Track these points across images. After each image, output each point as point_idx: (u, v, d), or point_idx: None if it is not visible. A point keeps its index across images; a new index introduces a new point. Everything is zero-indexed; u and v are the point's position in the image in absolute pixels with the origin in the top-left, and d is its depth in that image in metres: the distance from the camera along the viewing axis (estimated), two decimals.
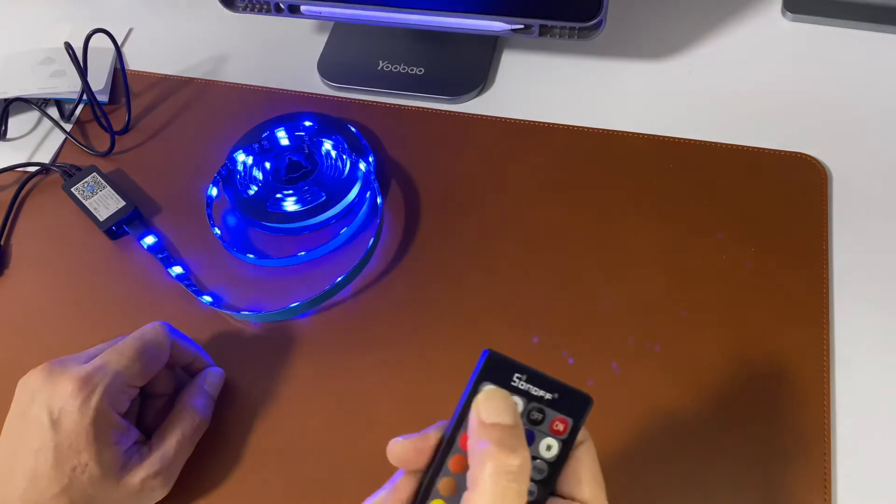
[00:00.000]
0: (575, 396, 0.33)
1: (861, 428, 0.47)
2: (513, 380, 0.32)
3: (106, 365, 0.43)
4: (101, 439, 0.42)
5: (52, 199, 0.62)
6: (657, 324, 0.51)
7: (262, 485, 0.48)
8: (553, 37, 0.60)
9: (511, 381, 0.32)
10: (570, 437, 0.32)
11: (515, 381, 0.32)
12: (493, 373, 0.32)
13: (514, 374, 0.32)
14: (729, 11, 0.68)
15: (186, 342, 0.49)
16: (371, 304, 0.54)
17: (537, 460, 0.32)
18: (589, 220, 0.56)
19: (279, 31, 0.71)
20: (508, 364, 0.32)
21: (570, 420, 0.32)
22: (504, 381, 0.32)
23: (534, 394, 0.32)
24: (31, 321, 0.56)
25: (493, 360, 0.32)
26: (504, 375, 0.32)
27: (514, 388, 0.32)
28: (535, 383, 0.32)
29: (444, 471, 0.32)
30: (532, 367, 0.33)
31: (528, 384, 0.32)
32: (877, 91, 0.62)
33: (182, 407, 0.47)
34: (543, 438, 0.32)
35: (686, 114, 0.62)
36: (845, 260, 0.53)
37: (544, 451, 0.32)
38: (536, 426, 0.33)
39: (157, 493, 0.44)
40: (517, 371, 0.32)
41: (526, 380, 0.32)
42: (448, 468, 0.32)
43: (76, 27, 0.72)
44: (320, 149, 0.60)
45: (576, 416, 0.32)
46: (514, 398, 0.32)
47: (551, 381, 0.33)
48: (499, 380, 0.32)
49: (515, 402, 0.32)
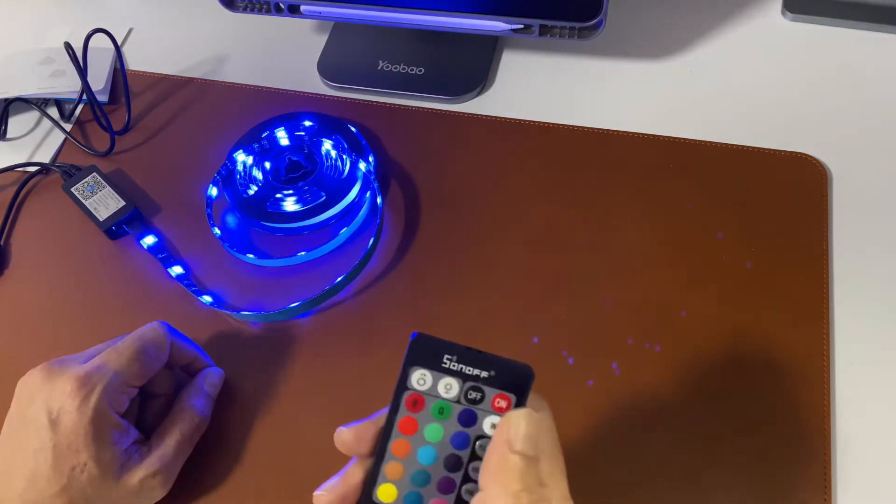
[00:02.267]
0: (514, 370, 0.32)
1: (861, 428, 0.47)
2: (443, 362, 0.32)
3: (105, 365, 0.43)
4: (100, 439, 0.42)
5: (52, 199, 0.62)
6: (657, 324, 0.51)
7: (262, 484, 0.48)
8: (553, 37, 0.60)
9: (442, 363, 0.32)
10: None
11: (446, 363, 0.32)
12: (423, 356, 0.32)
13: (444, 356, 0.32)
14: (729, 11, 0.68)
15: (186, 342, 0.49)
16: (371, 304, 0.54)
17: (484, 438, 0.32)
18: (589, 219, 0.56)
19: (279, 31, 0.71)
20: (437, 345, 0.32)
21: (512, 396, 0.31)
22: (434, 364, 0.32)
23: (468, 373, 0.32)
24: (31, 321, 0.56)
25: (419, 343, 0.32)
26: (435, 357, 0.32)
27: (446, 369, 0.32)
28: (468, 362, 0.32)
29: (388, 456, 0.32)
30: (463, 346, 0.32)
31: (459, 364, 0.32)
32: (877, 91, 0.62)
33: (181, 407, 0.47)
34: (486, 416, 0.32)
35: (686, 114, 0.62)
36: (845, 260, 0.53)
37: (489, 428, 0.32)
38: (477, 405, 0.32)
39: (156, 493, 0.44)
40: (447, 352, 0.32)
41: (457, 360, 0.32)
42: (391, 453, 0.32)
43: (76, 27, 0.72)
44: (320, 149, 0.60)
45: (518, 391, 0.31)
46: (448, 380, 0.32)
47: (487, 359, 0.32)
48: (429, 363, 0.32)
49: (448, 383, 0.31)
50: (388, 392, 0.42)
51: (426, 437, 0.32)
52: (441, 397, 0.32)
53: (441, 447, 0.32)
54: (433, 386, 0.32)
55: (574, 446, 0.47)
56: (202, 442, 0.48)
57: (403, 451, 0.32)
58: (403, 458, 0.32)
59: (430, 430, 0.32)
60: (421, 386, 0.32)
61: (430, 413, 0.32)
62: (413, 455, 0.32)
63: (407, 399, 0.32)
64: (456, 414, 0.32)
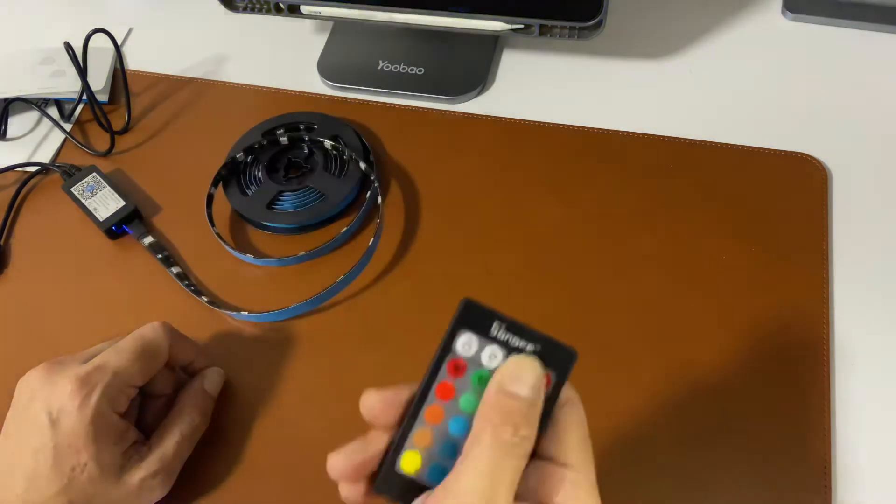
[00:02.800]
0: (558, 350, 0.31)
1: (861, 427, 0.47)
2: (491, 329, 0.31)
3: (105, 365, 0.43)
4: (101, 439, 0.42)
5: (51, 199, 0.61)
6: (657, 323, 0.51)
7: (262, 484, 0.48)
8: (553, 37, 0.60)
9: (490, 330, 0.31)
10: (553, 392, 0.30)
11: (494, 331, 0.31)
12: (471, 321, 0.31)
13: (494, 323, 0.31)
14: (729, 11, 0.68)
15: (186, 342, 0.49)
16: (371, 304, 0.54)
17: None
18: (589, 220, 0.56)
19: (279, 31, 0.71)
20: (488, 313, 0.31)
21: (553, 374, 0.30)
22: (483, 329, 0.31)
23: (513, 345, 0.31)
24: (31, 321, 0.56)
25: (470, 307, 0.31)
26: (483, 324, 0.31)
27: (493, 337, 0.31)
28: (515, 333, 0.31)
29: (419, 421, 0.31)
30: (514, 319, 0.31)
31: (507, 333, 0.31)
32: (877, 91, 0.62)
33: (181, 407, 0.47)
34: None
35: (686, 114, 0.62)
36: (845, 260, 0.53)
37: None
38: None
39: (156, 493, 0.44)
40: (497, 319, 0.31)
41: (506, 329, 0.31)
42: (424, 418, 0.31)
43: (76, 27, 0.72)
44: (320, 149, 0.60)
45: (559, 370, 0.31)
46: (493, 348, 0.31)
47: (533, 333, 0.31)
48: (477, 328, 0.31)
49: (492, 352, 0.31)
50: None
51: (461, 406, 0.31)
52: (483, 366, 0.31)
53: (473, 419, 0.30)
54: (478, 353, 0.31)
55: None
56: (202, 442, 0.48)
57: (436, 417, 0.31)
58: (435, 424, 0.31)
59: (466, 400, 0.31)
60: (466, 351, 0.31)
61: (470, 381, 0.31)
62: (445, 423, 0.31)
63: (449, 363, 0.31)
64: None
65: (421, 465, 0.30)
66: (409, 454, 0.30)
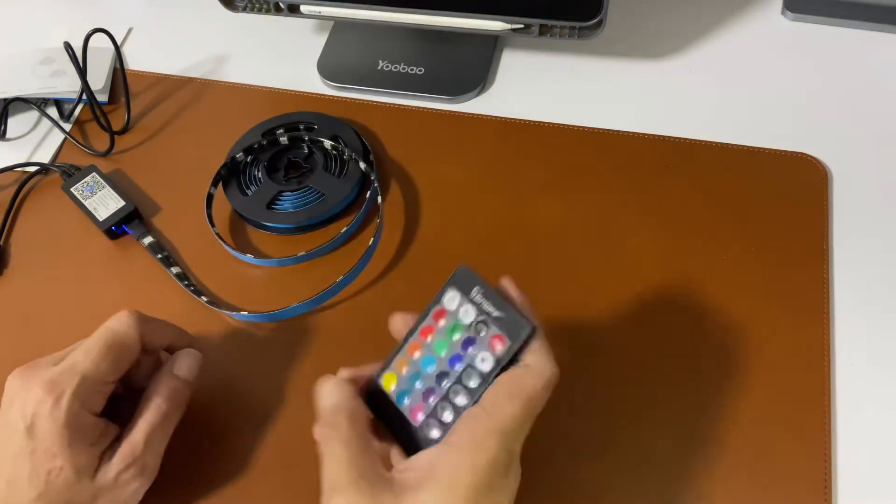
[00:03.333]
0: (518, 320, 0.36)
1: (861, 428, 0.47)
2: (472, 292, 0.37)
3: (73, 366, 0.42)
4: (75, 443, 0.41)
5: (51, 199, 0.61)
6: (657, 324, 0.51)
7: (262, 484, 0.48)
8: (553, 36, 0.60)
9: (470, 292, 0.37)
10: (503, 355, 0.36)
11: (473, 294, 0.37)
12: (461, 283, 0.38)
13: (475, 287, 0.37)
14: (729, 11, 0.68)
15: (160, 325, 0.47)
16: (371, 304, 0.54)
17: (472, 369, 0.37)
18: (589, 220, 0.56)
19: (279, 31, 0.71)
20: (474, 279, 0.37)
21: (508, 341, 0.36)
22: (466, 290, 0.38)
23: (484, 308, 0.37)
24: (30, 321, 0.56)
25: (463, 271, 0.38)
26: (468, 286, 0.38)
27: (471, 299, 0.37)
28: (487, 298, 0.37)
29: (402, 352, 0.38)
30: (493, 288, 0.37)
31: (482, 298, 0.37)
32: (877, 91, 0.62)
33: (147, 396, 0.45)
34: (481, 351, 0.37)
35: (686, 114, 0.62)
36: (845, 260, 0.53)
37: (479, 361, 0.37)
38: (478, 335, 0.37)
39: (132, 486, 0.44)
40: (478, 285, 0.37)
41: (482, 294, 0.37)
42: (406, 350, 0.38)
43: (76, 27, 0.72)
44: (320, 149, 0.60)
45: (514, 338, 0.36)
46: (468, 307, 0.37)
47: (501, 303, 0.37)
48: (463, 288, 0.38)
49: (467, 309, 0.37)
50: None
51: (434, 347, 0.38)
52: (459, 320, 0.38)
53: (440, 360, 0.38)
54: (457, 308, 0.38)
55: (572, 445, 0.47)
56: (202, 442, 0.48)
57: (414, 350, 0.38)
58: (412, 357, 0.38)
59: (439, 344, 0.38)
60: (449, 305, 0.38)
61: (446, 329, 0.38)
62: (419, 358, 0.38)
63: (435, 311, 0.38)
64: (462, 338, 0.37)
65: (395, 385, 0.38)
66: (389, 375, 0.39)
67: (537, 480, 0.46)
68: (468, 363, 0.37)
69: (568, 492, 0.46)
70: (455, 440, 0.36)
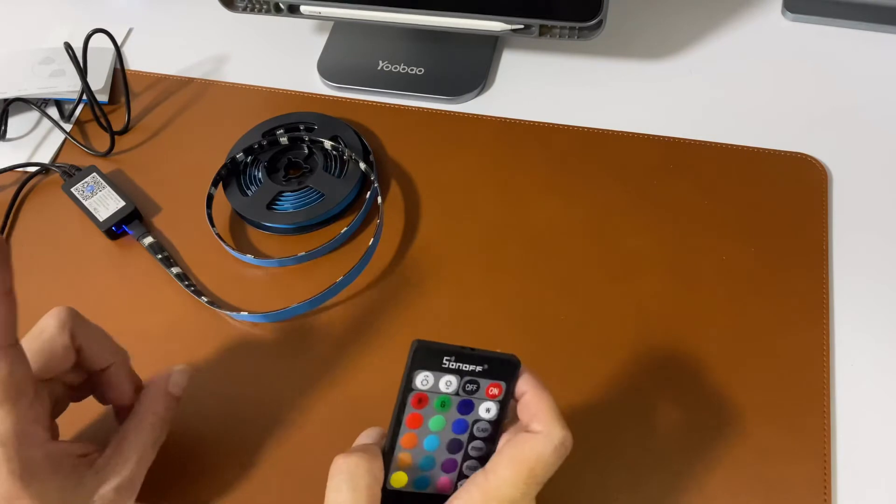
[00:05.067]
0: (503, 363, 0.36)
1: (861, 428, 0.47)
2: (443, 363, 0.36)
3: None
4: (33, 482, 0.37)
5: (51, 199, 0.61)
6: (657, 324, 0.51)
7: (262, 484, 0.48)
8: (553, 37, 0.60)
9: (442, 364, 0.36)
10: (505, 397, 0.37)
11: (446, 363, 0.36)
12: (425, 361, 0.36)
13: (444, 358, 0.36)
14: (729, 11, 0.68)
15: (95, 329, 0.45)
16: (371, 304, 0.54)
17: (481, 422, 0.37)
18: (589, 220, 0.56)
19: (279, 31, 0.71)
20: (437, 350, 0.36)
21: (502, 384, 0.37)
22: (435, 365, 0.36)
23: (465, 370, 0.36)
24: (30, 321, 0.56)
25: (421, 349, 0.36)
26: (435, 361, 0.36)
27: (446, 368, 0.36)
28: (463, 361, 0.36)
29: (398, 448, 0.37)
30: (459, 347, 0.36)
31: (457, 363, 0.36)
32: (877, 91, 0.62)
33: (141, 412, 0.44)
34: (482, 403, 0.37)
35: (686, 114, 0.62)
36: (845, 260, 0.53)
37: (484, 413, 0.37)
38: (473, 395, 0.37)
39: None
40: (446, 355, 0.36)
41: (455, 360, 0.36)
42: (401, 446, 0.37)
43: (76, 27, 0.72)
44: (320, 149, 0.60)
45: (506, 378, 0.37)
46: (448, 377, 0.36)
47: (478, 356, 0.36)
48: (431, 366, 0.36)
49: (448, 380, 0.36)
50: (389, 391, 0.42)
51: (431, 427, 0.37)
52: (442, 392, 0.36)
53: (444, 434, 0.37)
54: (435, 384, 0.36)
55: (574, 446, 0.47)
56: (201, 443, 0.48)
57: (411, 442, 0.37)
58: (412, 448, 0.37)
59: (434, 421, 0.37)
60: (424, 386, 0.36)
61: (434, 407, 0.37)
62: (420, 445, 0.37)
63: (413, 398, 0.36)
64: (456, 404, 0.37)
65: (408, 480, 0.38)
66: (396, 475, 0.37)
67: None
68: (474, 419, 0.37)
69: (569, 493, 0.46)
70: (453, 501, 0.35)
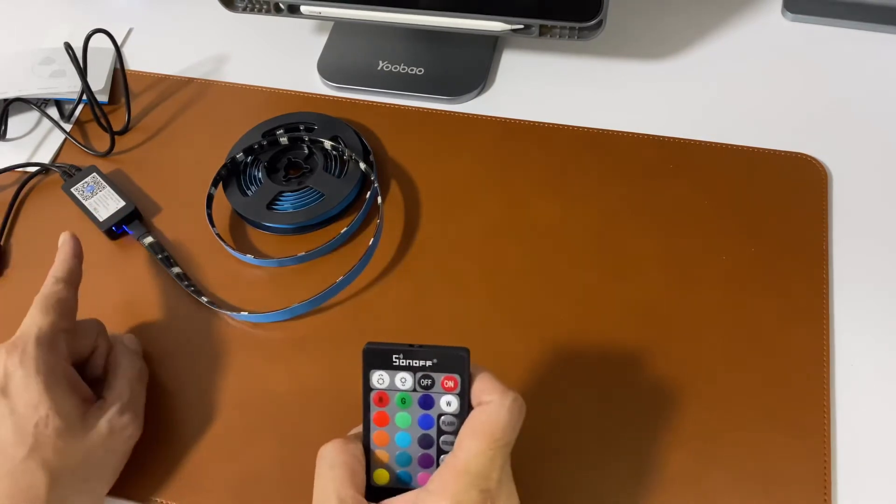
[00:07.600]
0: (452, 355, 0.37)
1: (861, 427, 0.47)
2: (393, 361, 0.37)
3: (25, 327, 0.44)
4: (54, 387, 0.42)
5: (51, 199, 0.61)
6: (657, 324, 0.51)
7: (262, 485, 0.48)
8: (553, 37, 0.60)
9: (392, 362, 0.37)
10: (462, 390, 0.37)
11: (396, 361, 0.37)
12: (376, 361, 0.38)
13: (393, 356, 0.37)
14: (729, 11, 0.68)
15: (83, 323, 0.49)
16: (371, 304, 0.54)
17: (445, 416, 0.38)
18: (588, 220, 0.56)
19: (279, 31, 0.71)
20: (385, 349, 0.37)
21: (456, 376, 0.37)
22: (387, 364, 0.37)
23: (416, 366, 0.37)
24: None
25: (371, 351, 0.38)
26: (386, 360, 0.37)
27: (397, 366, 0.37)
28: (412, 357, 0.37)
29: (372, 446, 0.39)
30: (406, 345, 0.37)
31: (407, 359, 0.37)
32: (877, 91, 0.62)
33: (117, 358, 0.48)
34: (441, 397, 0.38)
35: (686, 114, 0.62)
36: (845, 260, 0.53)
37: (446, 406, 0.38)
38: (430, 390, 0.38)
39: (128, 430, 0.45)
40: (394, 353, 0.37)
41: (404, 357, 0.37)
42: (374, 444, 0.38)
43: (76, 27, 0.72)
44: (320, 149, 0.60)
45: (459, 371, 0.37)
46: (402, 374, 0.37)
47: (426, 351, 0.37)
48: (383, 365, 0.38)
49: (402, 377, 0.38)
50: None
51: (398, 424, 0.38)
52: (400, 389, 0.38)
53: (413, 430, 0.38)
54: (391, 382, 0.38)
55: (573, 446, 0.47)
56: (201, 442, 0.48)
57: (384, 440, 0.38)
58: (386, 446, 0.39)
59: (400, 419, 0.38)
60: (381, 384, 0.38)
61: (396, 404, 0.38)
62: (393, 442, 0.38)
63: (374, 397, 0.38)
64: (416, 400, 0.38)
65: (389, 476, 0.39)
66: (378, 471, 0.39)
67: (537, 485, 0.46)
68: (438, 413, 0.38)
69: (568, 496, 0.46)
70: (429, 486, 0.36)
